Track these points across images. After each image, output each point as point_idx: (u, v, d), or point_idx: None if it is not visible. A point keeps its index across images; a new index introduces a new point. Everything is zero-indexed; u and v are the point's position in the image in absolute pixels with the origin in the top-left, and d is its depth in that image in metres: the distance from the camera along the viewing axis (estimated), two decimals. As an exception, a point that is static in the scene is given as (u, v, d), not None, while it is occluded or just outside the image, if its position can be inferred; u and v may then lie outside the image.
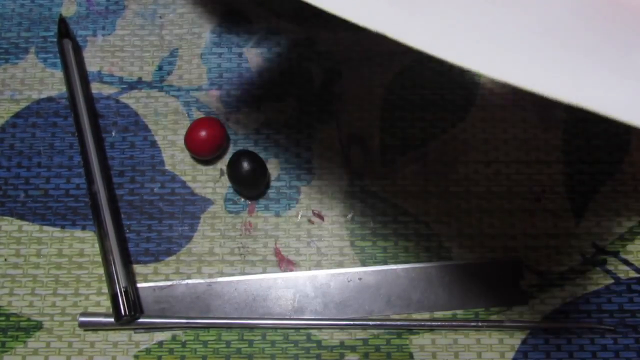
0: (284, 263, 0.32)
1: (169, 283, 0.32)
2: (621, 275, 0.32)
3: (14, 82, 0.36)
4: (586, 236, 0.32)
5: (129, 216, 0.33)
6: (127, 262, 0.32)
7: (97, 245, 0.32)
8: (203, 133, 0.32)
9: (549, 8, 0.21)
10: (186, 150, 0.34)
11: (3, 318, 0.31)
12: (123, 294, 0.30)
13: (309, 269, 0.32)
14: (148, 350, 0.31)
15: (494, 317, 0.31)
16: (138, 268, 0.32)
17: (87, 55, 0.37)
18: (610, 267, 0.32)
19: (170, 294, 0.32)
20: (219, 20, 0.37)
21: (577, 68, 0.18)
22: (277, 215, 0.33)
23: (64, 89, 0.36)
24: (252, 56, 0.36)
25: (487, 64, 0.18)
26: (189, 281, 0.32)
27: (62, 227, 0.33)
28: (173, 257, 0.32)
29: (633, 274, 0.32)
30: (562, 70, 0.18)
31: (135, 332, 0.31)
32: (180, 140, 0.35)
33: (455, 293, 0.31)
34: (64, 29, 0.36)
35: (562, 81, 0.18)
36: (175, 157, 0.34)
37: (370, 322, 0.31)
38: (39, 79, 0.36)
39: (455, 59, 0.18)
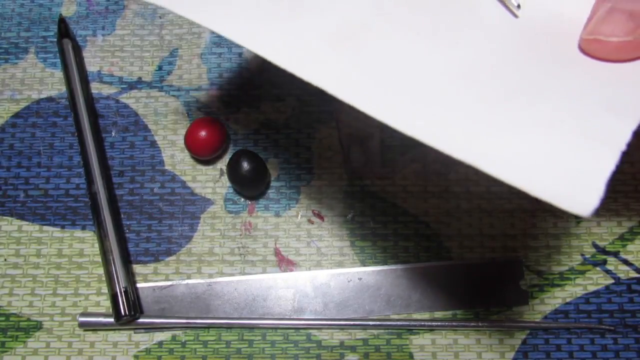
0: (284, 263, 0.32)
1: (169, 283, 0.32)
2: (621, 275, 0.32)
3: (14, 82, 0.36)
4: (586, 236, 0.32)
5: (129, 216, 0.33)
6: (127, 262, 0.32)
7: (97, 245, 0.32)
8: (203, 133, 0.32)
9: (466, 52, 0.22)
10: (186, 150, 0.34)
11: (3, 318, 0.31)
12: (123, 294, 0.30)
13: (309, 269, 0.32)
14: (148, 351, 0.31)
15: (494, 317, 0.31)
16: (138, 268, 0.32)
17: (87, 55, 0.37)
18: (610, 267, 0.32)
19: (170, 294, 0.32)
20: (219, 20, 0.37)
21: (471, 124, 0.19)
22: (277, 215, 0.33)
23: (63, 89, 0.36)
24: (252, 56, 0.36)
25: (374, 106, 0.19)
26: (189, 281, 0.32)
27: (62, 227, 0.33)
28: (173, 257, 0.32)
29: (633, 274, 0.32)
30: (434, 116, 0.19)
31: (135, 332, 0.31)
32: (180, 140, 0.34)
33: (455, 293, 0.31)
34: (64, 29, 0.36)
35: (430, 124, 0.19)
36: (175, 157, 0.34)
37: (370, 322, 0.31)
38: (39, 79, 0.36)
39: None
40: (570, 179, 0.18)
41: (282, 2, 0.22)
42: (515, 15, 0.23)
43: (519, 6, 0.23)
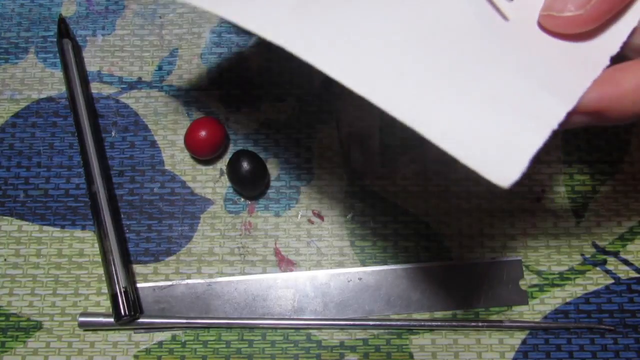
0: (284, 263, 0.32)
1: (169, 283, 0.32)
2: (621, 275, 0.32)
3: (14, 82, 0.36)
4: (586, 236, 0.32)
5: (129, 216, 0.33)
6: (127, 262, 0.32)
7: (97, 245, 0.32)
8: (203, 133, 0.32)
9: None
10: (186, 150, 0.34)
11: (3, 318, 0.31)
12: (123, 294, 0.30)
13: (309, 269, 0.32)
14: (148, 351, 0.31)
15: (494, 317, 0.31)
16: (138, 268, 0.32)
17: (87, 55, 0.37)
18: (610, 267, 0.32)
19: (170, 294, 0.32)
20: (219, 20, 0.37)
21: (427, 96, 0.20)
22: (277, 215, 0.33)
23: (63, 89, 0.36)
24: (252, 56, 0.36)
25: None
26: (189, 281, 0.32)
27: (62, 227, 0.33)
28: (173, 257, 0.32)
29: (633, 274, 0.32)
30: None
31: (135, 332, 0.31)
32: (180, 140, 0.34)
33: (455, 293, 0.31)
34: (63, 29, 0.36)
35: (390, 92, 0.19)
36: (175, 157, 0.34)
37: (370, 322, 0.31)
38: (39, 79, 0.36)
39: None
40: (497, 150, 0.19)
41: None
42: (506, 18, 0.23)
43: None
